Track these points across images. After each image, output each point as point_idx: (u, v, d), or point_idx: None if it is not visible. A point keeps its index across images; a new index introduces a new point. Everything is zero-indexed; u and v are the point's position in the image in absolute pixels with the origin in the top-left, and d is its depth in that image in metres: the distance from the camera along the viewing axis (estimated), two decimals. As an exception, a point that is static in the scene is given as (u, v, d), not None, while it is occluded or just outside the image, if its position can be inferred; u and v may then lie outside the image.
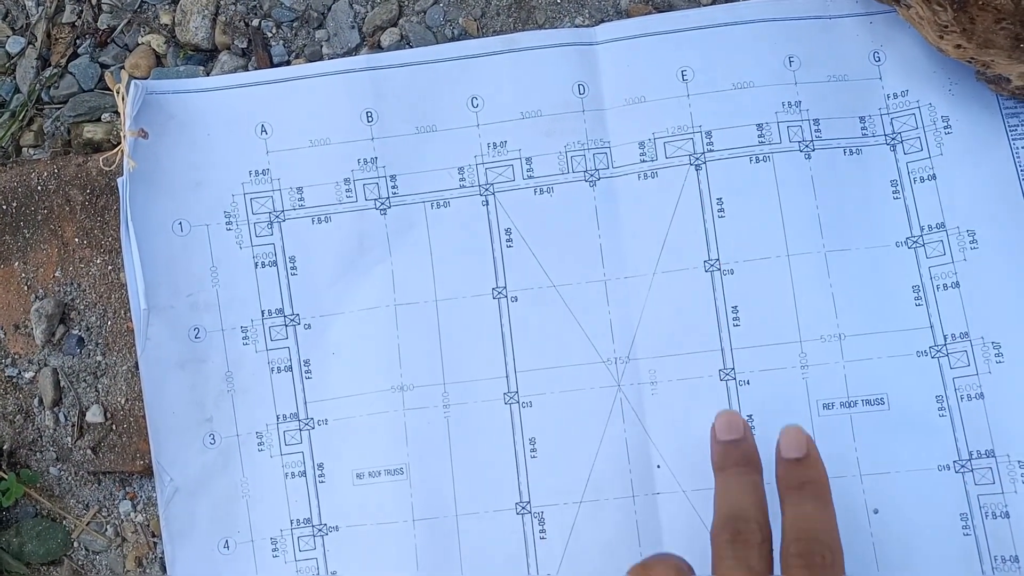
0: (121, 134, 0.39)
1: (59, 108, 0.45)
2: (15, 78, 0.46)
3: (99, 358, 0.43)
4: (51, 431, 0.43)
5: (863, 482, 0.38)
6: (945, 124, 0.40)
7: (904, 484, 0.38)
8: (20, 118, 0.45)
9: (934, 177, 0.39)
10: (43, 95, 0.46)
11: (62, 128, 0.45)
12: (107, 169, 0.40)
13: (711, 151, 0.40)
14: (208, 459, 0.40)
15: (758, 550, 0.29)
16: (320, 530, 0.40)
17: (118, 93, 0.39)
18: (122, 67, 0.44)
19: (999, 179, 0.39)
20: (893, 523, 0.38)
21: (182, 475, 0.40)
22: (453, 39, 0.43)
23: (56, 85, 0.46)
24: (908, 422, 0.38)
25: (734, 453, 0.33)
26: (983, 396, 0.38)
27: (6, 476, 0.42)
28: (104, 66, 0.45)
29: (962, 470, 0.38)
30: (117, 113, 0.44)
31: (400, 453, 0.40)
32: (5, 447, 0.43)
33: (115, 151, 0.39)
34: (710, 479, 0.38)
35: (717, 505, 0.32)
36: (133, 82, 0.39)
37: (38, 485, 0.43)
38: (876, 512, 0.38)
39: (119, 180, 0.40)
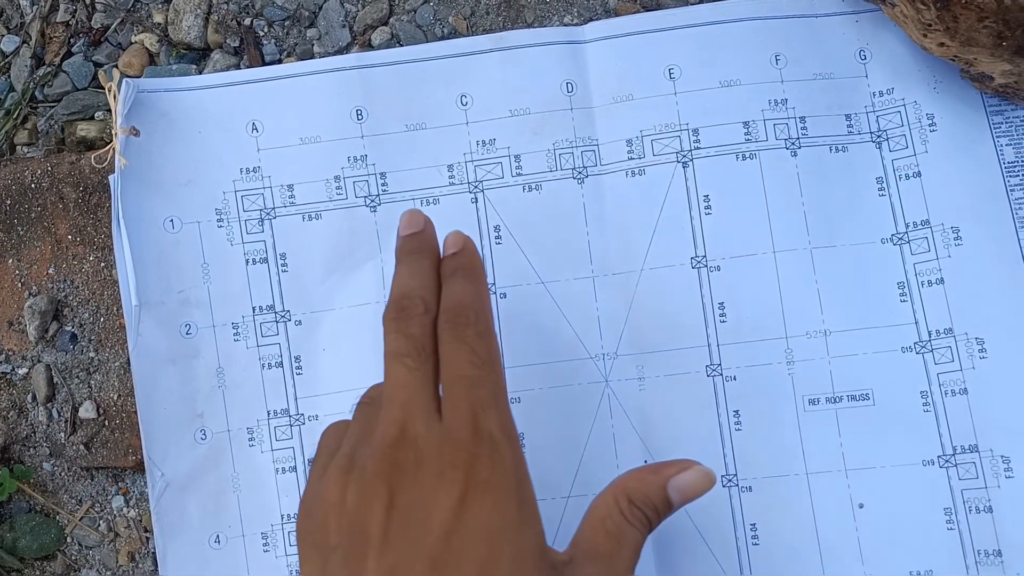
0: (112, 132, 0.39)
1: (53, 106, 0.46)
2: (9, 77, 0.47)
3: (92, 354, 0.43)
4: (44, 427, 0.43)
5: (848, 477, 0.38)
6: (930, 122, 0.40)
7: (889, 479, 0.38)
8: (14, 116, 0.45)
9: (919, 174, 0.40)
10: (37, 93, 0.46)
11: (56, 126, 0.46)
12: (99, 167, 0.40)
13: (698, 148, 0.40)
14: (199, 454, 0.40)
15: (419, 320, 0.31)
16: (310, 525, 0.40)
17: (110, 91, 0.39)
18: (115, 66, 0.45)
19: (983, 176, 0.39)
20: (878, 517, 0.38)
21: (173, 470, 0.40)
22: (443, 38, 0.43)
23: (50, 84, 0.46)
24: (893, 417, 0.39)
25: (410, 243, 0.35)
26: (967, 391, 0.38)
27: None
28: (98, 65, 0.46)
29: (946, 465, 0.38)
30: (110, 111, 0.45)
31: (389, 448, 0.40)
32: (-1, 443, 0.43)
33: (107, 148, 0.40)
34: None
35: (390, 291, 0.34)
36: (124, 80, 0.40)
37: (31, 481, 0.43)
38: (861, 507, 0.38)
39: (110, 178, 0.40)
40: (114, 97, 0.39)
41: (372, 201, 0.41)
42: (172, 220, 0.41)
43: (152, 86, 0.41)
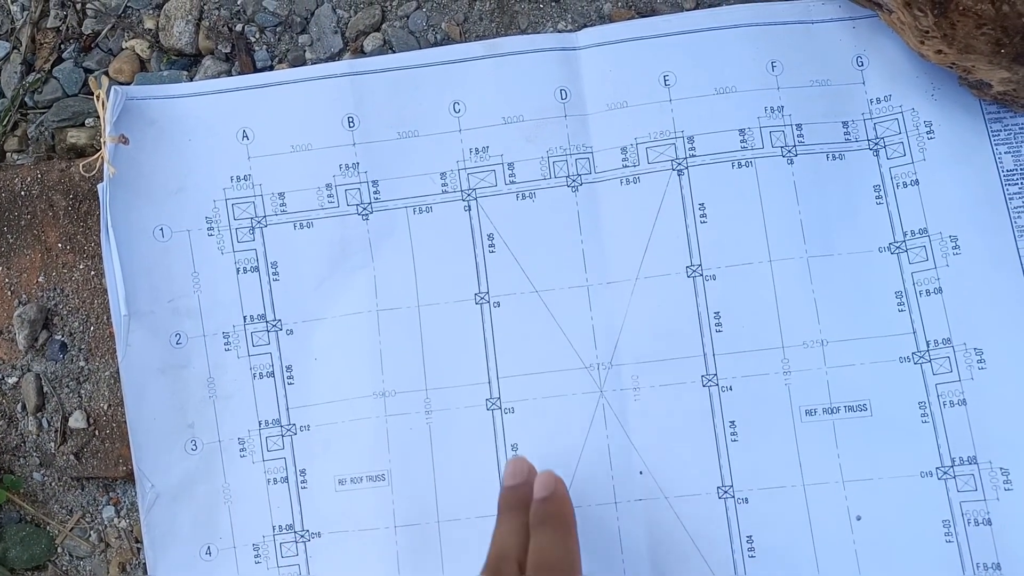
0: (101, 140, 0.39)
1: (43, 113, 0.45)
2: None
3: (82, 363, 0.43)
4: (34, 437, 0.43)
5: (846, 488, 0.38)
6: (928, 129, 0.39)
7: (887, 491, 0.38)
8: (4, 123, 0.45)
9: (917, 182, 0.39)
10: (27, 100, 0.46)
11: (46, 133, 0.45)
12: (88, 175, 0.40)
13: (693, 156, 0.40)
14: (190, 465, 0.40)
15: None
16: (302, 536, 0.40)
17: (98, 99, 0.39)
18: (105, 72, 0.44)
19: (982, 184, 0.39)
20: (875, 530, 0.37)
21: (164, 481, 0.40)
22: (436, 44, 0.43)
23: (40, 90, 0.46)
24: (891, 428, 0.38)
25: (511, 499, 0.36)
26: (966, 402, 0.38)
27: (-11, 482, 0.42)
28: (88, 71, 0.45)
29: (944, 477, 0.38)
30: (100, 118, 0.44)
31: (382, 459, 0.40)
32: (-12, 453, 0.43)
33: (95, 157, 0.39)
34: (694, 485, 0.39)
35: (491, 544, 0.35)
36: (113, 88, 0.39)
37: (21, 491, 0.43)
38: (859, 519, 0.38)
39: (99, 186, 0.39)
40: (103, 105, 0.38)
41: (364, 209, 0.41)
42: (162, 228, 0.41)
43: (141, 93, 0.41)
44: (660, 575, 0.38)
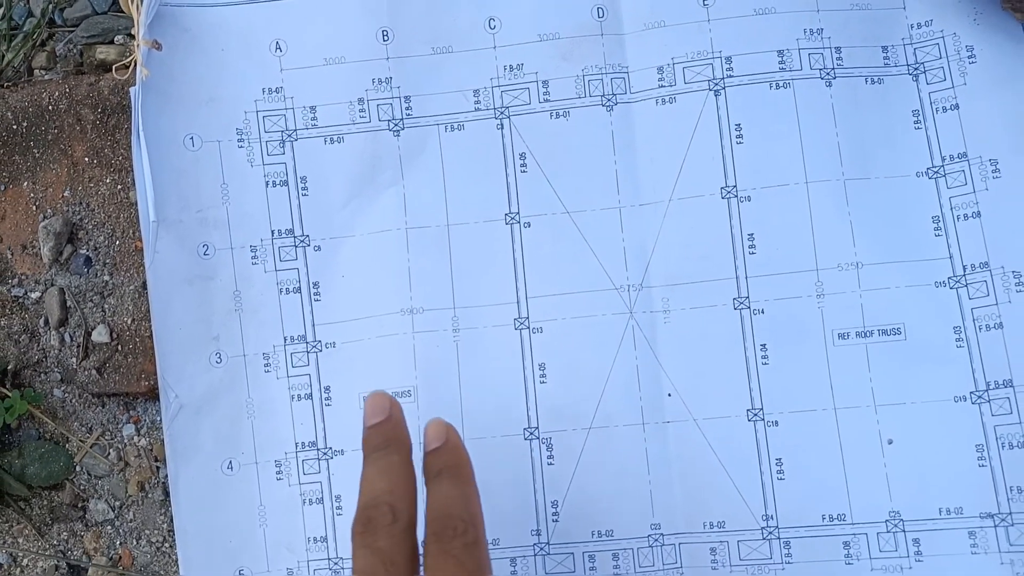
0: (135, 44, 0.38)
1: (72, 31, 0.45)
2: (28, 1, 0.46)
3: (106, 278, 0.42)
4: (56, 351, 0.43)
5: (877, 412, 0.37)
6: (969, 54, 0.39)
7: (919, 415, 0.37)
8: (33, 39, 0.45)
9: (957, 107, 0.39)
10: (56, 17, 0.45)
11: (75, 50, 0.45)
12: (119, 81, 0.40)
13: (731, 77, 0.39)
14: (214, 377, 0.40)
15: (387, 531, 0.29)
16: (325, 454, 0.40)
17: (132, 2, 0.38)
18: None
19: (1023, 109, 0.38)
20: (907, 454, 0.37)
21: (188, 392, 0.40)
22: (472, -38, 0.42)
23: (69, 6, 0.45)
24: (924, 352, 0.38)
25: (375, 438, 0.32)
26: (1002, 326, 0.37)
27: (10, 394, 0.41)
28: (118, -11, 0.45)
29: (979, 401, 0.37)
30: (131, 36, 0.44)
31: (408, 376, 0.39)
32: (10, 367, 0.42)
33: (129, 59, 0.39)
34: (723, 408, 0.38)
35: (358, 496, 0.31)
36: (148, -9, 0.39)
37: (41, 407, 0.42)
38: (890, 443, 0.37)
39: (131, 90, 0.39)
40: (136, 8, 0.38)
41: (396, 125, 0.40)
42: (192, 138, 0.40)
43: (175, 0, 0.40)
44: (688, 497, 0.38)
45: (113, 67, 0.40)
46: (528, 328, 0.39)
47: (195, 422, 0.40)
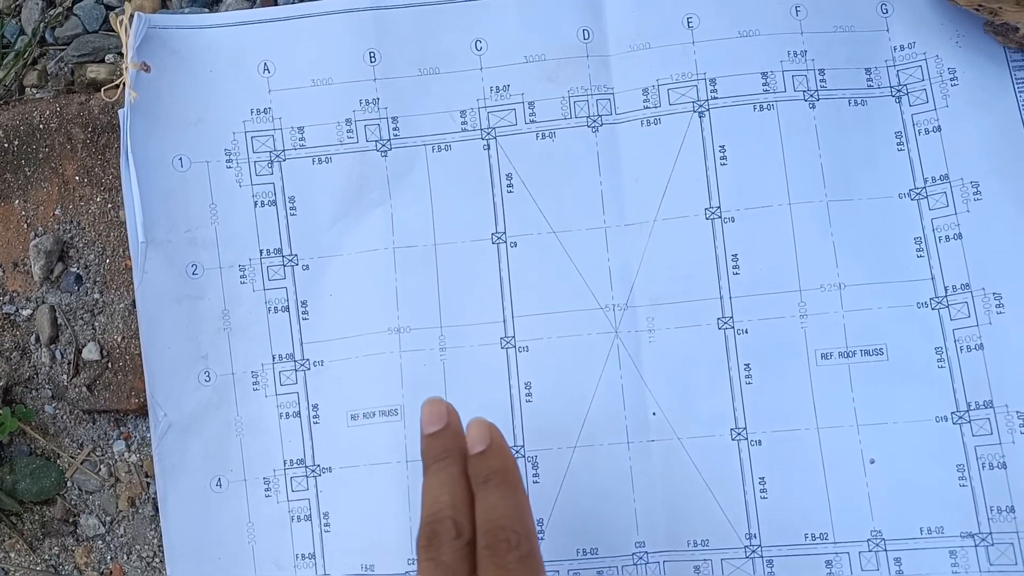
0: (124, 66, 0.39)
1: (63, 49, 0.45)
2: (20, 19, 0.46)
3: (96, 296, 0.43)
4: (47, 368, 0.43)
5: (860, 432, 0.38)
6: (952, 76, 0.39)
7: (901, 435, 0.38)
8: (24, 57, 0.45)
9: (939, 129, 0.39)
10: (47, 36, 0.46)
11: (66, 69, 0.45)
12: (108, 102, 0.40)
13: (715, 98, 0.40)
14: (203, 396, 0.40)
15: (451, 546, 0.30)
16: (313, 471, 0.40)
17: (120, 24, 0.39)
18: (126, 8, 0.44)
19: (1004, 131, 0.39)
20: (889, 473, 0.37)
21: (176, 411, 0.40)
22: (459, -16, 0.43)
23: (61, 25, 0.46)
24: (906, 373, 0.38)
25: (434, 448, 0.32)
26: (983, 347, 0.38)
27: (1, 411, 0.42)
28: (109, 7, 0.45)
29: (960, 421, 0.38)
30: (120, 54, 0.44)
31: (395, 394, 0.40)
32: (1, 384, 0.43)
33: (118, 82, 0.39)
34: (707, 427, 0.39)
35: (421, 508, 0.31)
36: (136, 14, 0.39)
37: (33, 423, 0.43)
38: (872, 462, 0.38)
39: (120, 112, 0.39)
40: (125, 31, 0.38)
41: (383, 145, 0.41)
42: (181, 159, 0.41)
43: (164, 23, 0.41)
44: (671, 515, 0.38)
45: (102, 89, 0.40)
46: (514, 347, 0.40)
47: (184, 440, 0.40)
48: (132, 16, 0.39)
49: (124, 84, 0.39)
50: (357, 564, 0.39)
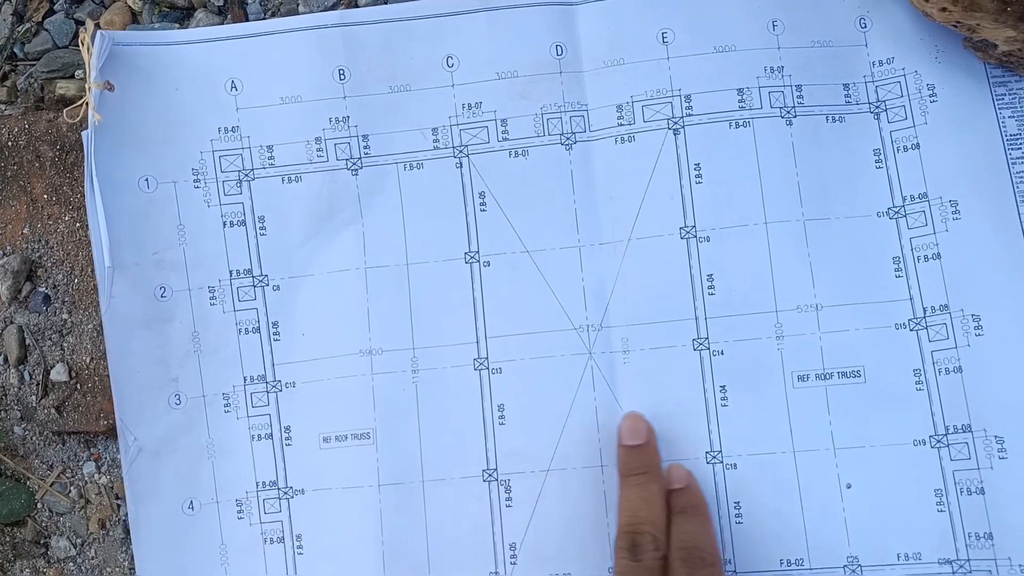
0: (86, 86, 0.38)
1: (33, 64, 0.45)
2: (-11, 34, 0.45)
3: (65, 316, 0.42)
4: (16, 389, 0.42)
5: (836, 456, 0.37)
6: (931, 92, 0.39)
7: (878, 459, 0.37)
8: (-8, 73, 0.44)
9: (918, 146, 0.38)
10: (16, 51, 0.45)
11: (35, 84, 0.45)
12: (72, 122, 0.39)
13: (690, 115, 0.39)
14: (173, 419, 0.40)
15: (650, 556, 0.34)
16: (286, 493, 0.39)
17: (83, 44, 0.38)
18: (96, 24, 0.44)
19: (984, 149, 0.38)
20: (866, 498, 0.37)
21: (147, 435, 0.39)
22: (431, -2, 0.42)
23: (30, 41, 0.45)
24: (884, 396, 0.37)
25: (635, 460, 0.36)
26: (961, 370, 0.37)
27: (-30, 434, 0.41)
28: (79, 23, 0.45)
29: (938, 445, 0.37)
30: (90, 69, 0.44)
31: (367, 418, 0.39)
32: (-30, 405, 0.42)
33: (80, 103, 0.39)
34: (682, 450, 0.38)
35: (619, 512, 0.36)
36: (99, 32, 0.38)
37: (2, 445, 0.42)
38: (849, 487, 0.37)
39: (83, 134, 0.39)
40: (87, 50, 0.38)
41: (354, 164, 0.40)
42: (147, 179, 0.40)
43: (128, 39, 0.40)
44: (646, 540, 0.38)
45: (65, 110, 0.39)
46: (487, 368, 0.39)
47: (155, 464, 0.39)
48: (95, 34, 0.38)
49: (87, 105, 0.38)
50: (329, 588, 0.39)
